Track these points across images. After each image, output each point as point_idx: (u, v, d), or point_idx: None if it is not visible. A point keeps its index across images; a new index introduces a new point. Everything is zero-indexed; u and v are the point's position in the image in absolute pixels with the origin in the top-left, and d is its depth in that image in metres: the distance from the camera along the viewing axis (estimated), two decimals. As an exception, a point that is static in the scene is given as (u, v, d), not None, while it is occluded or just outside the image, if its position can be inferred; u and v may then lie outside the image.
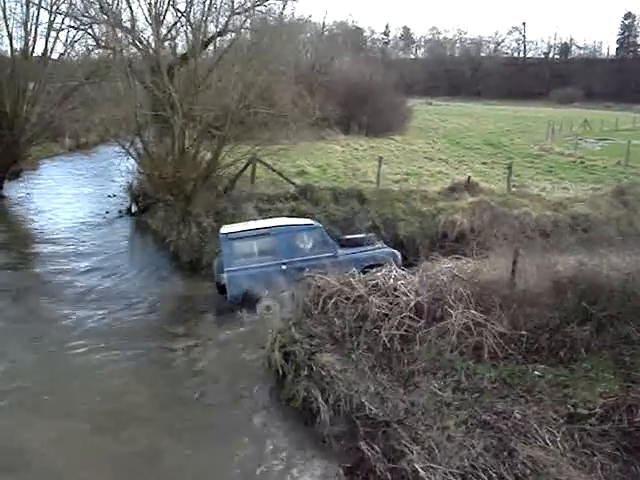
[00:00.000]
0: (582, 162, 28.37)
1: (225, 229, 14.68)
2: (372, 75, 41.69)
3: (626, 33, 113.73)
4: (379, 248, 15.16)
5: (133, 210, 23.69)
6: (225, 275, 14.05)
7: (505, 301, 10.27)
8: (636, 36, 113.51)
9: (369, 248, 14.98)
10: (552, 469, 7.27)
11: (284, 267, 13.97)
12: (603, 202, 18.64)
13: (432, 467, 7.57)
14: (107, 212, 24.18)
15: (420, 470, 7.56)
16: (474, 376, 9.09)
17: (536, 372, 9.00)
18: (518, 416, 8.13)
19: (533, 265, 10.61)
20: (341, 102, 33.61)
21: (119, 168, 23.17)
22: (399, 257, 14.84)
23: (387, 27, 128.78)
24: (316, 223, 15.18)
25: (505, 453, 7.57)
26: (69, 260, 18.32)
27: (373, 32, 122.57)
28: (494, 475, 7.31)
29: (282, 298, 13.09)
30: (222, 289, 14.34)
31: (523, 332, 9.67)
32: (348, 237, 15.75)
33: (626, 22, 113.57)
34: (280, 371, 10.49)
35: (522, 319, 9.88)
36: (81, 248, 19.63)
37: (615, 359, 9.04)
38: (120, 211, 24.09)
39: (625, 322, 9.36)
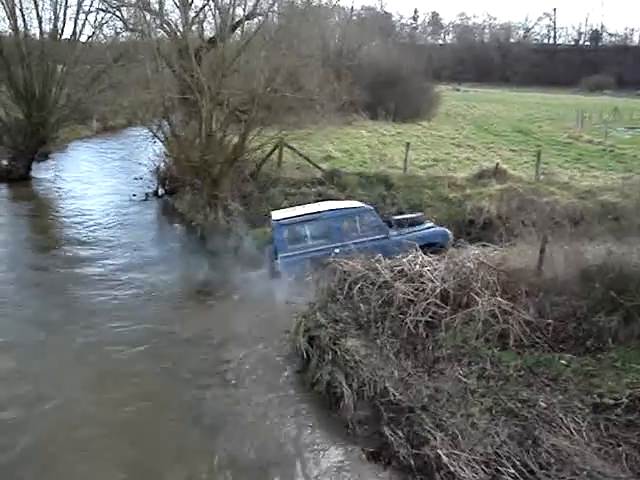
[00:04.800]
0: (612, 150, 27.84)
1: (276, 215, 14.67)
2: (400, 60, 41.36)
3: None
4: (430, 227, 15.05)
5: (160, 193, 23.82)
6: (279, 261, 14.06)
7: (532, 289, 10.22)
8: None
9: (419, 228, 14.87)
10: (577, 458, 7.22)
11: (337, 251, 13.60)
12: (633, 191, 18.34)
13: (455, 454, 7.56)
14: (134, 195, 24.27)
15: (443, 456, 7.56)
16: (499, 364, 9.05)
17: (562, 361, 8.94)
18: (543, 405, 8.09)
19: (561, 253, 10.52)
20: (368, 87, 33.33)
21: (146, 151, 23.28)
22: (450, 236, 14.74)
23: (415, 12, 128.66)
24: (367, 205, 15.10)
25: (529, 441, 7.54)
26: (96, 243, 18.39)
27: (401, 17, 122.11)
28: (518, 463, 7.28)
29: None
30: (276, 275, 14.22)
31: (550, 320, 9.61)
32: (398, 218, 15.57)
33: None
34: (305, 355, 10.54)
35: (549, 307, 9.83)
36: (108, 230, 19.74)
37: (643, 349, 8.96)
38: (147, 194, 24.15)
39: (654, 313, 9.26)
